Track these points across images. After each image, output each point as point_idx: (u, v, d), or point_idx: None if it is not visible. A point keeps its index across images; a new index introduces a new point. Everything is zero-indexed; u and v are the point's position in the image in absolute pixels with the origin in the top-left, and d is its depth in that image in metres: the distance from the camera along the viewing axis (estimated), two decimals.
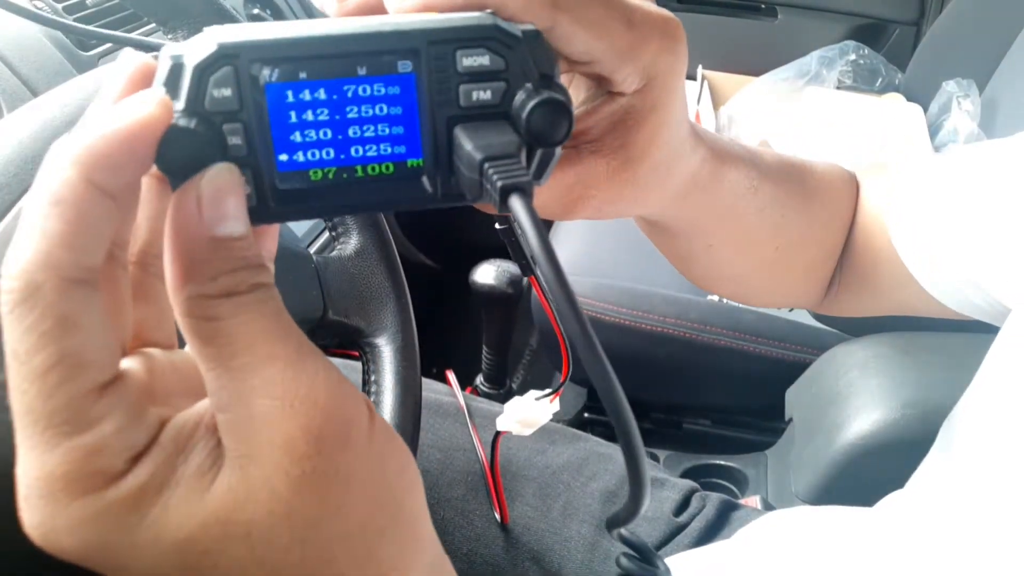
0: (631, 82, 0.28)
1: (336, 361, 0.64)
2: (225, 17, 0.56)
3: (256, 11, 1.02)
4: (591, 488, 0.66)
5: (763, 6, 1.51)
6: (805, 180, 0.45)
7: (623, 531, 0.32)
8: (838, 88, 1.40)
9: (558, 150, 0.24)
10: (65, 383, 0.19)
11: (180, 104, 0.20)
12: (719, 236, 0.41)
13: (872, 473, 0.73)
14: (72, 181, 0.19)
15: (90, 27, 0.69)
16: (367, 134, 0.22)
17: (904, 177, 0.47)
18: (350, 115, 0.22)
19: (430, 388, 0.72)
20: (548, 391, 0.48)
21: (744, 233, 0.42)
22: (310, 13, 1.11)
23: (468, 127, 0.22)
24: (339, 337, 0.53)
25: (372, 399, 0.52)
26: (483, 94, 0.22)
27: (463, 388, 0.72)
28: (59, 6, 0.78)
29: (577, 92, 0.31)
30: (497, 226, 0.38)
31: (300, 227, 0.77)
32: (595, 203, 0.31)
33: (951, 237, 0.43)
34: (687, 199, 0.36)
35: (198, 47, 0.20)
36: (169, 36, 0.56)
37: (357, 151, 0.22)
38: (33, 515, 0.20)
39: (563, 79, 0.29)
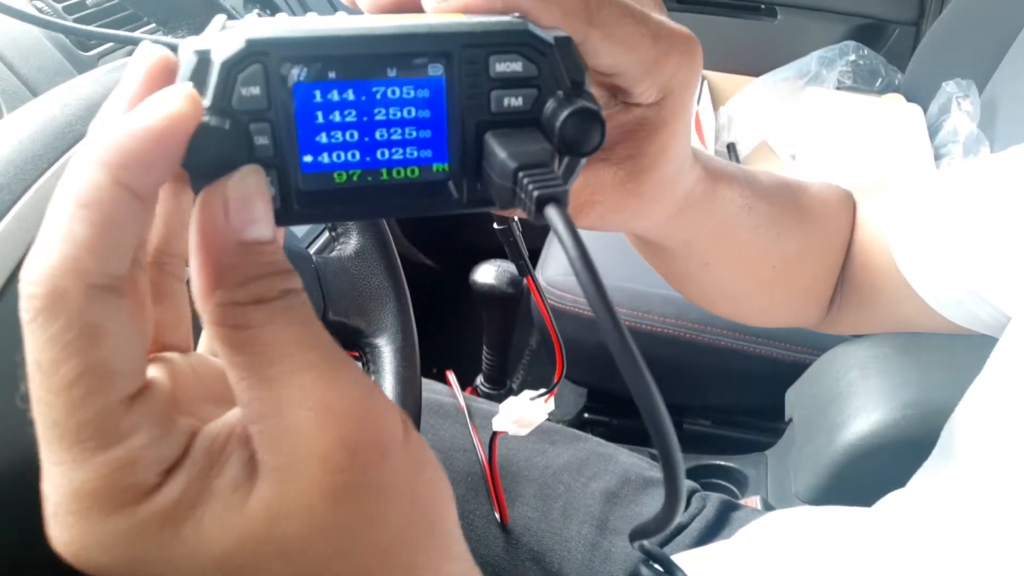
0: (649, 95, 0.28)
1: None
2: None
3: (256, 11, 1.02)
4: (591, 489, 0.66)
5: (763, 6, 1.51)
6: (800, 199, 0.45)
7: (646, 543, 0.31)
8: (838, 88, 1.40)
9: (583, 159, 0.24)
10: (92, 395, 0.18)
11: (207, 101, 0.20)
12: (714, 254, 0.42)
13: (872, 473, 0.73)
14: (100, 182, 0.18)
15: (91, 27, 0.69)
16: (394, 137, 0.22)
17: (903, 193, 0.47)
18: (378, 117, 0.21)
19: (430, 388, 0.72)
20: (543, 391, 0.48)
21: (740, 252, 0.42)
22: (308, 11, 1.11)
23: (499, 134, 0.22)
24: (339, 337, 0.53)
25: None
26: (515, 100, 0.22)
27: (463, 388, 0.72)
28: (59, 6, 0.78)
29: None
30: (496, 226, 0.38)
31: (300, 227, 0.77)
32: (600, 210, 0.31)
33: (951, 249, 0.43)
34: (682, 216, 0.36)
35: (225, 42, 0.20)
36: (169, 36, 0.56)
37: (383, 154, 0.22)
38: (63, 533, 0.19)
39: None
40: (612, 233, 0.36)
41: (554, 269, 1.02)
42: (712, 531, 0.64)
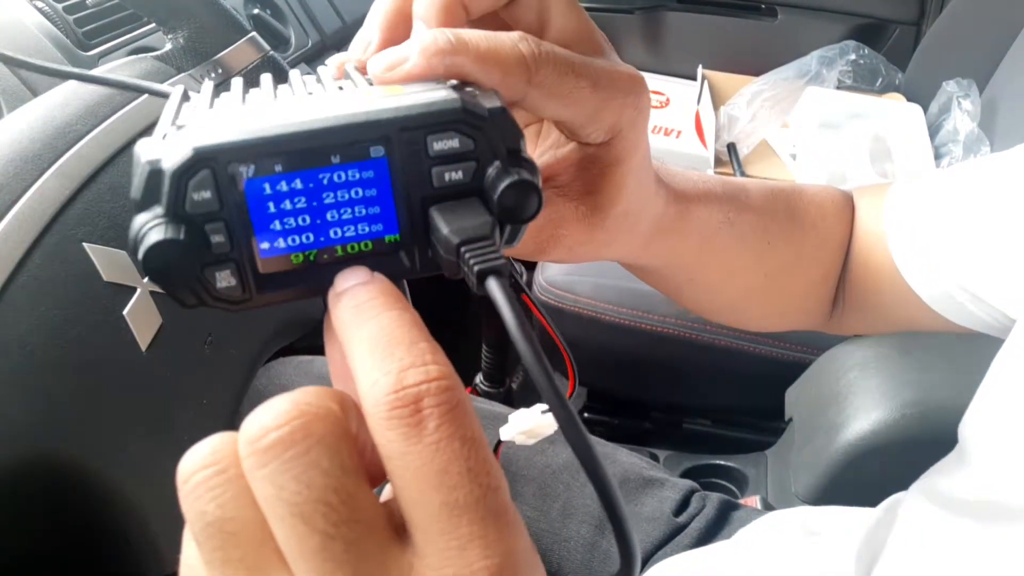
0: (596, 136, 0.29)
1: None
2: (225, 17, 0.56)
3: (256, 11, 1.02)
4: (591, 488, 0.66)
5: (763, 6, 1.51)
6: (794, 205, 0.45)
7: None
8: (838, 88, 1.40)
9: (525, 224, 0.25)
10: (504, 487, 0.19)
11: (160, 209, 0.21)
12: (698, 270, 0.42)
13: (872, 473, 0.73)
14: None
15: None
16: (344, 216, 0.22)
17: (902, 193, 0.47)
18: (327, 200, 0.22)
19: None
20: None
21: (725, 264, 0.42)
22: (309, 12, 1.12)
23: (443, 207, 0.23)
24: None
25: None
26: (455, 174, 0.23)
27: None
28: (59, 6, 0.78)
29: (547, 135, 0.33)
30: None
31: None
32: (567, 243, 0.32)
33: (950, 250, 0.43)
34: (655, 242, 0.37)
35: (174, 151, 0.20)
36: (169, 36, 0.56)
37: (336, 233, 0.23)
38: None
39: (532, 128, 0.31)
40: None
41: (554, 269, 1.02)
42: (712, 531, 0.64)
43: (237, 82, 0.27)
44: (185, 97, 0.26)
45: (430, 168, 0.22)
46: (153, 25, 0.77)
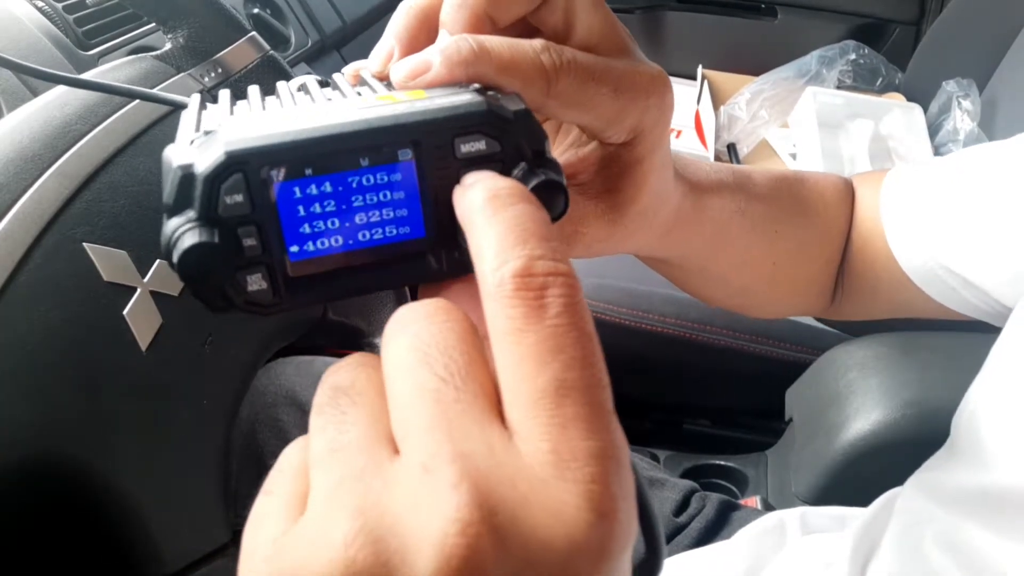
0: (618, 137, 0.29)
1: None
2: (225, 17, 0.56)
3: (256, 11, 1.02)
4: None
5: (763, 6, 1.51)
6: (798, 193, 0.45)
7: None
8: (838, 87, 1.40)
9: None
10: None
11: (193, 213, 0.21)
12: (711, 259, 0.42)
13: (872, 473, 0.73)
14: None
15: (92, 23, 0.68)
16: (372, 219, 0.23)
17: (899, 180, 0.47)
18: (356, 203, 0.22)
19: None
20: None
21: (737, 253, 0.43)
22: (309, 12, 1.12)
23: None
24: (339, 337, 0.53)
25: None
26: None
27: None
28: (59, 6, 0.78)
29: (567, 132, 0.33)
30: None
31: None
32: (586, 240, 0.32)
33: (944, 234, 0.43)
34: (671, 234, 0.37)
35: (206, 155, 0.21)
36: (169, 36, 0.56)
37: (364, 235, 0.23)
38: None
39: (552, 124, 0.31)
40: None
41: None
42: (712, 531, 0.64)
43: (254, 89, 0.27)
44: (203, 105, 0.26)
45: (458, 170, 0.23)
46: (153, 25, 0.77)
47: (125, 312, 0.44)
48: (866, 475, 0.74)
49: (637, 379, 1.07)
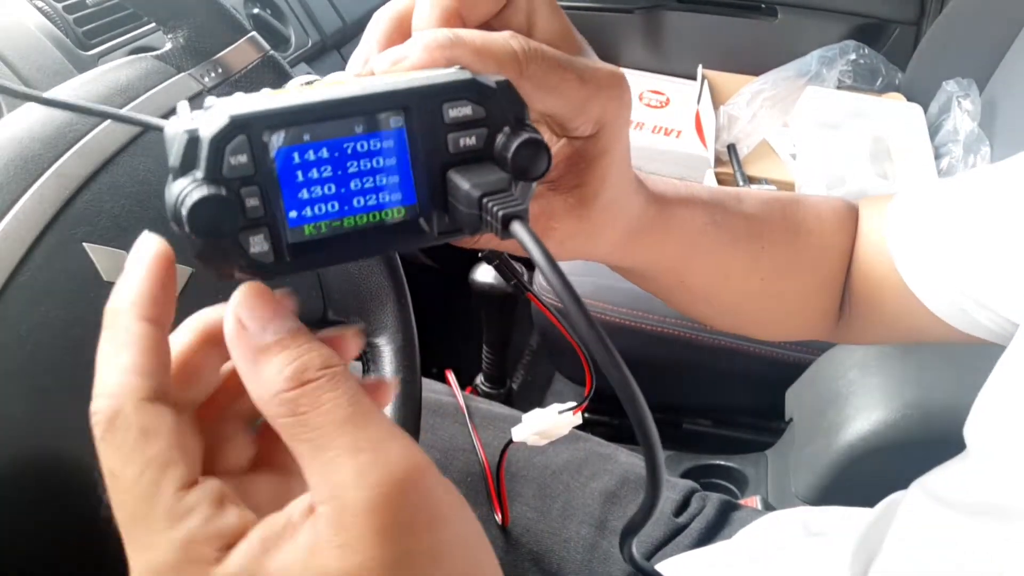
0: (584, 129, 0.31)
1: None
2: (225, 17, 0.56)
3: (256, 11, 1.02)
4: (591, 488, 0.66)
5: (763, 6, 1.51)
6: (792, 213, 0.46)
7: (636, 555, 0.32)
8: (838, 87, 1.40)
9: (534, 184, 0.27)
10: (155, 484, 0.22)
11: (200, 173, 0.22)
12: (688, 271, 0.43)
13: (872, 473, 0.73)
14: (125, 321, 0.23)
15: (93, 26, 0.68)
16: (367, 185, 0.24)
17: (905, 203, 0.47)
18: (351, 169, 0.24)
19: (430, 388, 0.72)
20: (572, 404, 0.48)
21: (718, 266, 0.43)
22: (309, 12, 1.12)
23: (460, 170, 0.25)
24: None
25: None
26: (469, 140, 0.25)
27: (463, 388, 0.72)
28: (59, 6, 0.78)
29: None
30: (480, 255, 0.40)
31: None
32: (557, 236, 0.34)
33: (955, 259, 0.43)
34: (637, 239, 0.39)
35: (211, 119, 0.22)
36: (169, 36, 0.56)
37: (359, 202, 0.24)
38: None
39: None
40: None
41: None
42: (712, 531, 0.64)
43: (239, 93, 0.28)
44: (193, 105, 0.27)
45: (446, 135, 0.24)
46: (153, 25, 0.77)
47: None
48: (866, 475, 0.74)
49: (637, 379, 1.07)
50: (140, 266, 0.24)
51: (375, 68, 0.27)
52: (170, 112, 0.53)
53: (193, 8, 0.55)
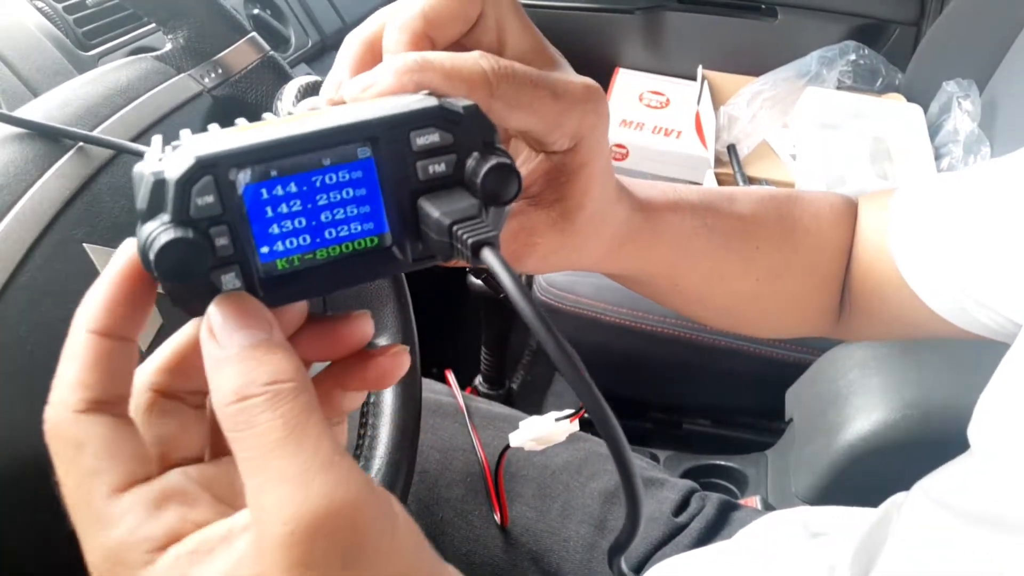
0: (561, 144, 0.31)
1: None
2: (225, 18, 0.56)
3: (256, 11, 1.03)
4: (590, 488, 0.66)
5: (763, 6, 1.51)
6: (787, 212, 0.46)
7: (625, 570, 0.32)
8: (838, 88, 1.40)
9: (507, 207, 0.26)
10: (88, 491, 0.23)
11: (167, 216, 0.22)
12: (679, 276, 0.43)
13: (872, 473, 0.73)
14: (75, 335, 0.24)
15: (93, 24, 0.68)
16: (338, 217, 0.24)
17: (905, 200, 0.47)
18: (320, 202, 0.24)
19: (430, 388, 0.72)
20: (568, 412, 0.48)
21: (711, 269, 0.43)
22: (309, 12, 1.12)
23: (430, 197, 0.25)
24: None
25: (372, 399, 0.52)
26: (438, 167, 0.25)
27: (462, 388, 0.72)
28: (59, 6, 0.78)
29: (517, 152, 0.34)
30: (468, 269, 0.40)
31: None
32: (540, 251, 0.34)
33: (956, 257, 0.43)
34: (624, 248, 0.38)
35: (176, 162, 0.22)
36: (169, 36, 0.56)
37: (331, 233, 0.24)
38: None
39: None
40: None
41: None
42: (712, 531, 0.64)
43: (214, 126, 0.29)
44: (167, 141, 0.28)
45: (415, 163, 0.24)
46: (153, 25, 0.77)
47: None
48: (866, 475, 0.74)
49: (637, 379, 1.07)
50: (106, 276, 0.24)
51: (345, 95, 0.27)
52: (170, 112, 0.53)
53: (193, 9, 0.55)
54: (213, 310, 0.23)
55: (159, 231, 0.21)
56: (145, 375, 0.26)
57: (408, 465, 0.51)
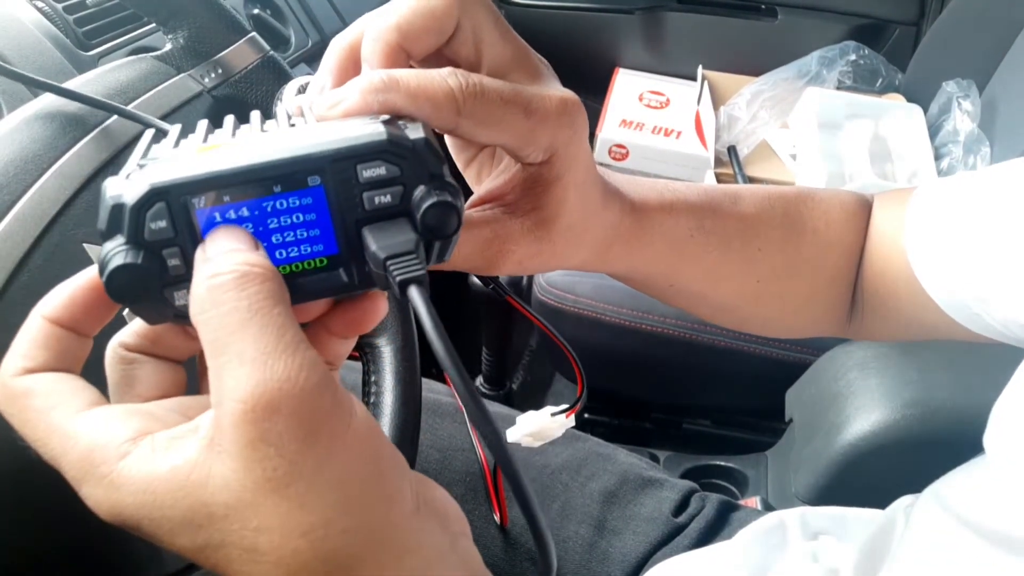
0: (535, 156, 0.31)
1: None
2: (225, 18, 0.56)
3: (256, 11, 1.03)
4: (589, 488, 0.66)
5: (763, 6, 1.51)
6: (794, 210, 0.45)
7: None
8: (838, 88, 1.40)
9: (455, 236, 0.27)
10: (46, 424, 0.25)
11: (123, 238, 0.24)
12: (676, 276, 0.42)
13: (872, 474, 0.73)
14: (33, 315, 0.26)
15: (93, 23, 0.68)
16: (288, 239, 0.25)
17: (919, 199, 0.46)
18: (272, 226, 0.25)
19: (430, 388, 0.72)
20: (564, 407, 0.48)
21: (708, 271, 0.43)
22: (309, 12, 1.12)
23: (374, 228, 0.26)
24: None
25: (372, 399, 0.52)
26: (384, 198, 0.26)
27: None
28: (59, 6, 0.78)
29: (500, 159, 0.35)
30: (477, 280, 0.41)
31: None
32: (516, 257, 0.34)
33: (971, 260, 0.42)
34: (612, 250, 0.38)
35: (133, 188, 0.24)
36: (169, 36, 0.56)
37: (281, 254, 0.26)
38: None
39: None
40: None
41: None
42: (712, 531, 0.64)
43: (202, 124, 0.30)
44: (156, 139, 0.28)
45: (361, 193, 0.25)
46: (153, 25, 0.77)
47: (125, 312, 0.44)
48: (866, 476, 0.74)
49: (637, 379, 1.07)
50: (78, 278, 0.25)
51: (315, 110, 0.28)
52: (170, 112, 0.53)
53: (193, 9, 0.55)
54: (211, 237, 0.24)
55: (113, 253, 0.23)
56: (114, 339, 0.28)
57: (408, 464, 0.51)
